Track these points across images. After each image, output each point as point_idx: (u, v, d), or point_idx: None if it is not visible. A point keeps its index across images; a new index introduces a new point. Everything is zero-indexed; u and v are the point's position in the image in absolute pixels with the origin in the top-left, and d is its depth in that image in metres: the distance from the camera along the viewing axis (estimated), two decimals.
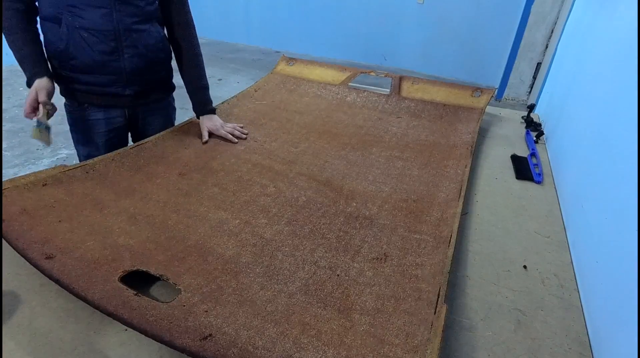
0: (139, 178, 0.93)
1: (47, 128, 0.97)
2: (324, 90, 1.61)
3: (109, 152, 1.04)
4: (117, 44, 1.03)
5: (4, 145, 2.58)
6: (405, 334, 0.57)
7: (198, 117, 1.22)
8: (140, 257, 0.68)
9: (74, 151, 1.18)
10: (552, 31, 3.49)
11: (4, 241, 0.69)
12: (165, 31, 1.18)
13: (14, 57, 1.00)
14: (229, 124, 1.21)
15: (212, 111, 1.22)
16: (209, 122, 1.18)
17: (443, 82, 1.60)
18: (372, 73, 1.67)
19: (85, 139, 1.15)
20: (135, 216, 0.79)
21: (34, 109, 0.96)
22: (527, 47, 3.65)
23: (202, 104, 1.21)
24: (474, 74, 4.24)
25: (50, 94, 0.99)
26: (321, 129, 1.30)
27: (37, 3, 1.00)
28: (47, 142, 0.98)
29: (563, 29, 1.99)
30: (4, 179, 0.83)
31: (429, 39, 4.36)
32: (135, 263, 0.67)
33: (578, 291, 0.75)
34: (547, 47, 3.56)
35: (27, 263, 0.65)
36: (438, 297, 0.63)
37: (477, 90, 1.53)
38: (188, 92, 1.22)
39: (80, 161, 1.15)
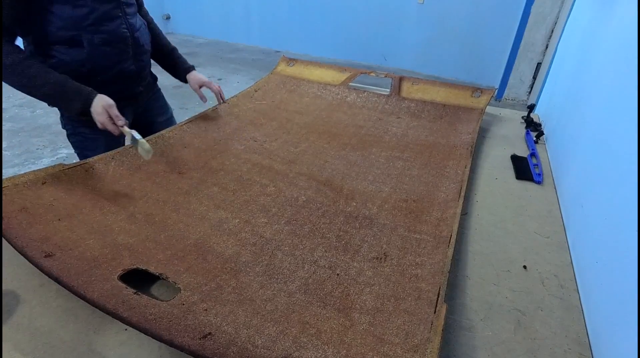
0: (139, 177, 0.93)
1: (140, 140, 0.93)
2: (324, 90, 1.61)
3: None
4: (132, 49, 1.07)
5: (4, 145, 2.58)
6: (405, 333, 0.57)
7: (184, 81, 1.29)
8: (140, 256, 0.68)
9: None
10: (552, 31, 3.49)
11: (3, 240, 0.69)
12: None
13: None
14: (215, 85, 1.30)
15: (193, 67, 1.30)
16: (198, 78, 1.26)
17: (443, 83, 1.60)
18: (372, 74, 1.67)
19: (104, 144, 1.11)
20: (135, 215, 0.79)
21: (118, 126, 0.95)
22: (527, 47, 3.65)
23: (183, 64, 1.28)
24: (474, 74, 4.24)
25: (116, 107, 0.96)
26: (321, 129, 1.30)
27: (44, 30, 0.92)
28: (150, 153, 0.93)
29: (563, 29, 1.99)
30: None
31: (429, 39, 4.36)
32: (134, 262, 0.67)
33: (578, 292, 0.75)
34: (547, 47, 3.57)
35: (27, 262, 0.65)
36: (438, 297, 0.63)
37: (477, 90, 1.53)
38: (164, 63, 1.28)
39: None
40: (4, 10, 0.86)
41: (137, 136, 0.93)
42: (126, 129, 0.96)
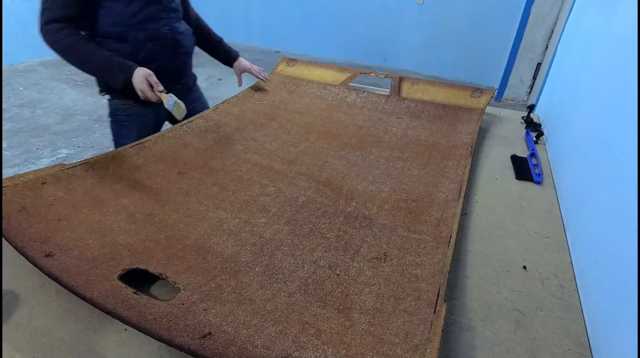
0: (139, 177, 0.93)
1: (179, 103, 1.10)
2: (324, 90, 1.61)
3: None
4: (173, 48, 1.18)
5: (3, 145, 2.58)
6: (404, 333, 0.57)
7: (232, 66, 1.49)
8: (140, 255, 0.68)
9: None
10: (552, 32, 3.49)
11: (3, 240, 0.69)
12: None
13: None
14: (255, 67, 1.49)
15: (238, 55, 1.49)
16: (242, 65, 1.46)
17: (443, 83, 1.60)
18: (372, 74, 1.67)
19: (136, 132, 1.24)
20: (135, 215, 0.79)
21: (155, 93, 1.06)
22: (527, 47, 3.65)
23: (229, 53, 1.46)
24: (474, 74, 4.24)
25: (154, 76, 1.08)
26: (321, 130, 1.30)
27: (98, 24, 1.06)
28: (184, 113, 1.11)
29: (563, 30, 1.99)
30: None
31: (429, 39, 4.36)
32: (134, 262, 0.67)
33: (578, 292, 0.75)
34: (547, 47, 3.57)
35: (27, 262, 0.65)
36: (438, 297, 0.63)
37: (477, 91, 1.53)
38: (213, 52, 1.45)
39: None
40: (72, 3, 1.01)
41: (175, 98, 1.09)
42: (163, 94, 1.08)
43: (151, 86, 1.06)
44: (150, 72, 1.06)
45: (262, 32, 5.38)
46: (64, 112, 3.12)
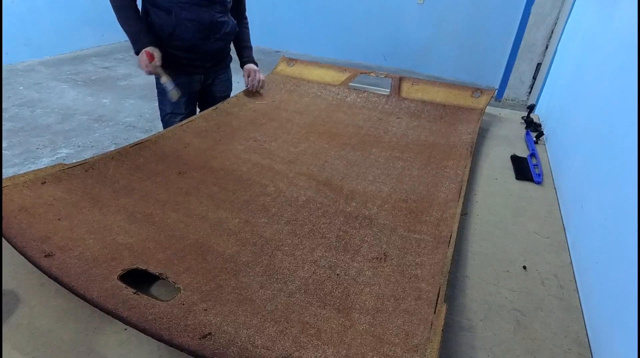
0: (139, 177, 0.93)
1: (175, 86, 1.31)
2: (324, 90, 1.61)
3: (188, 109, 1.45)
4: (209, 32, 1.36)
5: (3, 144, 2.58)
6: (404, 333, 0.57)
7: (242, 67, 1.59)
8: (140, 255, 0.68)
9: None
10: (552, 32, 3.49)
11: (3, 240, 0.69)
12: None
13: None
14: (262, 77, 1.57)
15: (254, 62, 1.59)
16: (249, 69, 1.54)
17: (443, 83, 1.60)
18: (372, 74, 1.67)
19: (169, 100, 1.40)
20: (135, 215, 0.79)
21: (152, 60, 1.24)
22: (527, 47, 3.65)
23: (246, 57, 1.59)
24: (474, 74, 4.24)
25: (160, 58, 1.27)
26: (321, 130, 1.30)
27: None
28: (179, 96, 1.33)
29: (563, 30, 1.99)
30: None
31: (429, 39, 4.36)
32: (134, 262, 0.67)
33: (577, 292, 0.75)
34: (547, 47, 3.56)
35: (27, 261, 0.65)
36: (438, 297, 0.63)
37: (477, 91, 1.53)
38: (237, 52, 1.59)
39: (162, 118, 1.49)
40: None
41: (173, 84, 1.31)
42: (163, 73, 1.29)
43: (152, 60, 1.24)
44: (156, 48, 1.26)
45: (262, 32, 5.36)
46: (64, 112, 3.11)
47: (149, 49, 1.25)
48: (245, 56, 1.59)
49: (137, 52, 1.27)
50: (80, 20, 4.58)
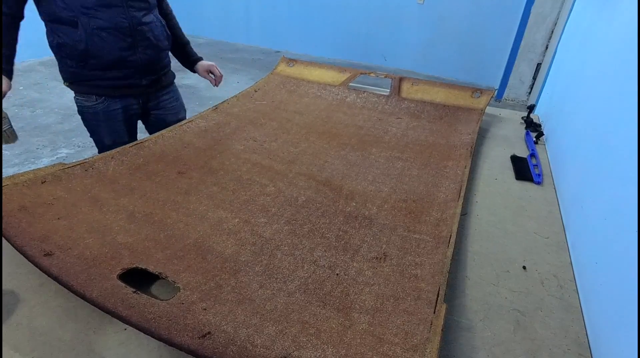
0: (138, 176, 0.93)
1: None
2: (323, 91, 1.61)
3: (132, 138, 1.19)
4: (133, 39, 1.08)
5: (3, 144, 2.58)
6: (404, 333, 0.57)
7: (194, 70, 1.41)
8: (139, 255, 0.68)
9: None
10: (552, 32, 3.49)
11: (3, 240, 0.69)
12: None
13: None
14: (217, 69, 1.41)
15: (201, 58, 1.41)
16: (205, 65, 1.38)
17: (443, 83, 1.60)
18: (371, 74, 1.67)
19: (107, 130, 1.20)
20: (135, 214, 0.79)
21: None
22: (527, 47, 3.65)
23: (193, 55, 1.38)
24: (474, 74, 4.24)
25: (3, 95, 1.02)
26: (321, 130, 1.30)
27: (51, 7, 1.01)
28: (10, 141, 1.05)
29: (563, 30, 1.99)
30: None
31: (429, 39, 4.36)
32: (134, 261, 0.67)
33: (577, 292, 0.75)
34: (547, 47, 3.57)
35: (27, 261, 0.65)
36: (437, 297, 0.63)
37: (476, 91, 1.53)
38: (177, 53, 1.37)
39: (104, 151, 1.20)
40: None
41: (8, 124, 1.04)
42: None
43: None
44: (7, 89, 1.01)
45: (262, 32, 5.38)
46: (64, 112, 3.11)
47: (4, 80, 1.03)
48: (192, 54, 1.39)
49: None
50: None
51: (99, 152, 1.25)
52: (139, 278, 0.66)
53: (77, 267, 0.63)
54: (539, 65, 3.67)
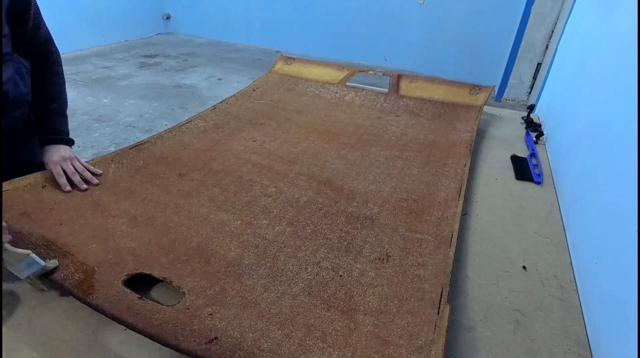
0: (139, 179, 0.93)
1: None
2: (322, 89, 1.60)
3: None
4: None
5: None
6: (409, 335, 0.58)
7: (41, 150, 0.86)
8: (143, 260, 0.68)
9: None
10: (552, 32, 3.49)
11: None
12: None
13: None
14: (82, 163, 0.87)
15: (66, 139, 0.88)
16: (55, 155, 0.83)
17: (441, 80, 1.60)
18: (370, 71, 1.66)
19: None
20: (136, 218, 0.79)
21: None
22: (527, 47, 3.65)
23: (51, 130, 0.86)
24: (474, 74, 4.23)
25: None
26: (320, 129, 1.30)
27: None
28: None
29: (563, 30, 1.99)
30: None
31: (429, 39, 4.35)
32: (138, 266, 0.67)
33: (577, 292, 0.75)
34: (547, 47, 3.56)
35: None
36: (440, 297, 0.64)
37: (475, 87, 1.52)
38: (38, 113, 0.87)
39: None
40: None
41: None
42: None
43: None
44: None
45: (262, 32, 5.35)
46: None
47: None
48: (48, 127, 0.86)
49: None
50: (80, 20, 4.56)
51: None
52: (142, 283, 0.66)
53: (81, 273, 0.63)
54: (539, 65, 3.67)
